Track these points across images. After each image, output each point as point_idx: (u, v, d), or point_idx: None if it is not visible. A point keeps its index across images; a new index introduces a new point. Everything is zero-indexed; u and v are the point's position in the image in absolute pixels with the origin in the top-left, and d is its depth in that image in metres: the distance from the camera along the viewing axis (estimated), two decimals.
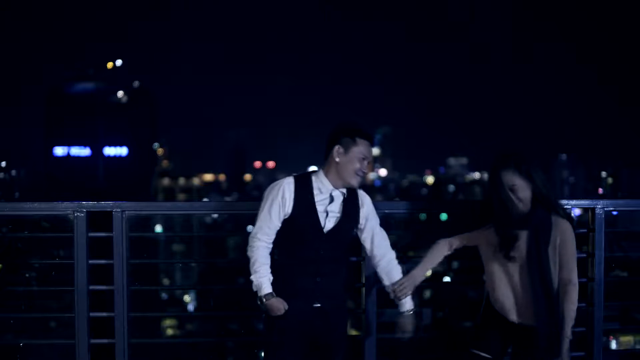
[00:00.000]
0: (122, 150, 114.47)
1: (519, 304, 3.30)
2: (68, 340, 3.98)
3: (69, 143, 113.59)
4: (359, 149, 3.26)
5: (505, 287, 3.33)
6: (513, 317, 3.33)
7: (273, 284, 3.22)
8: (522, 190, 3.20)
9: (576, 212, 4.30)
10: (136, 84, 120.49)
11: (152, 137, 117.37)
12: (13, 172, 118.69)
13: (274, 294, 3.20)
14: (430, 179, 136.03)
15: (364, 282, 4.03)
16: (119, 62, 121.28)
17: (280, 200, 3.22)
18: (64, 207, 3.93)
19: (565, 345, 3.21)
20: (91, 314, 3.92)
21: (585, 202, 4.25)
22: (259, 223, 3.26)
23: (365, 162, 3.28)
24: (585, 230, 4.23)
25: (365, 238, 3.47)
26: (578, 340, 4.24)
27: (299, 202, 3.22)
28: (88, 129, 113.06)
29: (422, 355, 4.24)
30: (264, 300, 3.20)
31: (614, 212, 4.32)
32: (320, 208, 3.24)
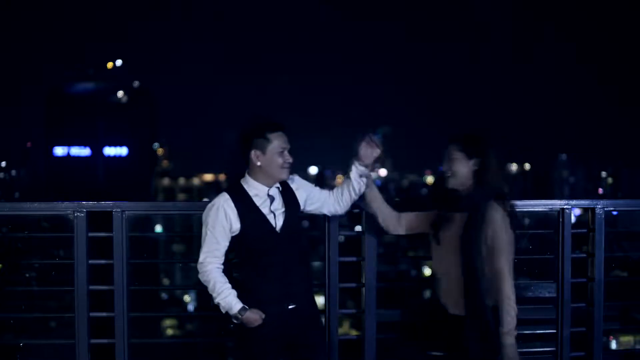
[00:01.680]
0: (122, 150, 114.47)
1: (453, 294, 3.17)
2: (68, 340, 3.98)
3: (69, 143, 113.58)
4: (275, 144, 3.19)
5: (441, 275, 3.24)
6: (450, 308, 3.21)
7: (244, 298, 3.18)
8: (458, 164, 3.15)
9: (576, 212, 4.30)
10: (136, 84, 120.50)
11: (152, 137, 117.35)
12: (13, 172, 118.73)
13: (247, 307, 3.17)
14: (430, 179, 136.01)
15: (363, 282, 4.03)
16: (119, 62, 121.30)
17: (224, 220, 3.17)
18: (64, 207, 3.94)
19: (508, 341, 3.04)
20: (91, 314, 3.92)
21: (585, 202, 4.26)
22: (205, 248, 3.21)
23: (286, 152, 3.22)
24: (585, 230, 4.24)
25: (318, 206, 3.45)
26: (578, 340, 4.24)
27: (243, 215, 3.17)
28: (88, 129, 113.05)
29: (422, 355, 4.23)
30: (240, 316, 3.16)
31: (614, 212, 4.33)
32: (265, 211, 3.20)
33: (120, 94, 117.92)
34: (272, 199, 3.24)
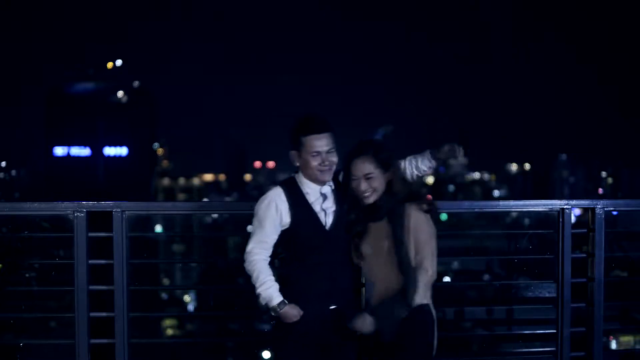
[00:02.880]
0: (122, 150, 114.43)
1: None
2: (68, 340, 3.98)
3: (69, 143, 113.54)
4: (308, 146, 3.16)
5: (374, 286, 3.21)
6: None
7: (286, 293, 3.17)
8: (376, 181, 3.10)
9: (576, 212, 4.30)
10: (136, 84, 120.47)
11: (152, 137, 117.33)
12: (13, 172, 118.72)
13: (286, 302, 3.16)
14: (430, 179, 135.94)
15: (363, 282, 4.03)
16: (119, 62, 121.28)
17: (274, 213, 3.17)
18: (64, 207, 3.94)
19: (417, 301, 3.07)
20: (91, 314, 3.92)
21: (585, 202, 4.26)
22: (255, 237, 3.20)
23: (322, 155, 3.15)
24: (585, 230, 4.24)
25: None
26: (578, 340, 4.24)
27: (295, 210, 3.18)
28: (88, 129, 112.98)
29: None
30: (278, 309, 3.14)
31: (614, 212, 4.33)
32: (316, 208, 3.21)
33: (120, 94, 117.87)
34: (324, 197, 3.23)
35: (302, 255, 3.20)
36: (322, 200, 3.22)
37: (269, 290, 3.16)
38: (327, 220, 3.21)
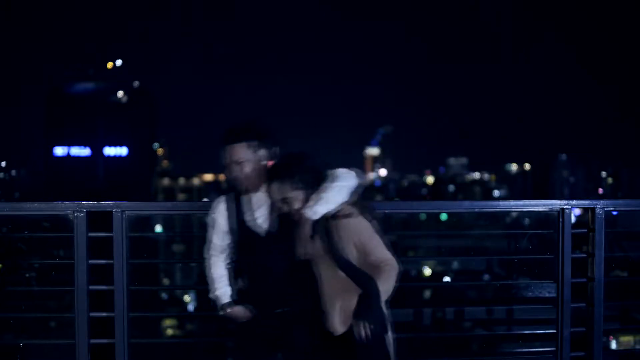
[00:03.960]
0: (122, 150, 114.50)
1: (337, 314, 3.04)
2: (68, 340, 3.99)
3: (69, 143, 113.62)
4: (225, 157, 3.16)
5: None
6: (337, 330, 3.05)
7: (241, 295, 3.24)
8: (297, 201, 2.98)
9: (576, 212, 4.30)
10: (136, 84, 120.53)
11: (152, 137, 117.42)
12: (13, 172, 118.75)
13: (234, 302, 3.23)
14: (430, 179, 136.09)
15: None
16: (119, 62, 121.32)
17: (216, 220, 3.23)
18: (64, 207, 3.94)
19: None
20: (91, 314, 3.92)
21: (585, 202, 4.25)
22: (207, 243, 3.29)
23: (234, 165, 3.12)
24: (585, 230, 4.24)
25: None
26: (578, 340, 4.24)
27: (231, 217, 3.21)
28: (88, 129, 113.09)
29: (422, 355, 4.24)
30: (225, 310, 3.23)
31: (614, 212, 4.33)
32: (250, 216, 3.19)
33: (120, 94, 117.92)
34: (257, 204, 3.21)
35: (243, 260, 3.25)
36: (255, 207, 3.20)
37: (217, 292, 3.25)
38: (262, 226, 3.19)
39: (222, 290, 3.26)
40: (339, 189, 2.96)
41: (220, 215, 3.23)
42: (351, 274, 2.92)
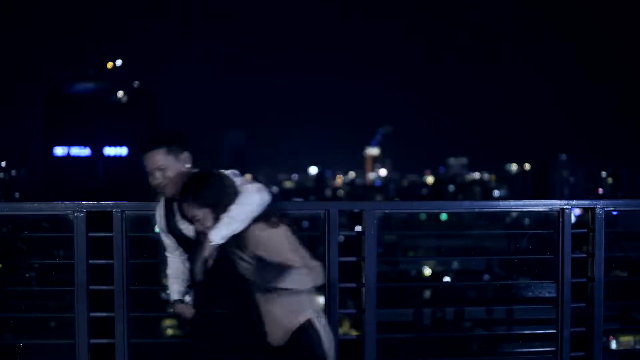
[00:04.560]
0: (122, 150, 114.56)
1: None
2: (68, 340, 3.98)
3: (69, 143, 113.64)
4: (147, 164, 3.20)
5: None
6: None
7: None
8: (208, 220, 2.95)
9: (576, 212, 4.31)
10: (136, 84, 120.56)
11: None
12: (13, 172, 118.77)
13: (181, 300, 3.27)
14: (430, 179, 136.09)
15: (364, 282, 4.03)
16: (119, 62, 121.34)
17: (157, 220, 3.31)
18: (64, 207, 3.94)
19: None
20: (91, 314, 3.92)
21: (585, 202, 4.26)
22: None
23: (157, 171, 3.15)
24: (585, 230, 4.24)
25: None
26: (578, 340, 4.24)
27: (167, 220, 3.26)
28: (88, 129, 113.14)
29: (422, 355, 4.24)
30: (174, 307, 3.29)
31: (614, 212, 4.33)
32: (177, 220, 3.20)
33: (120, 94, 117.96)
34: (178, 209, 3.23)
35: (187, 260, 3.29)
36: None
37: (169, 290, 3.32)
38: (190, 231, 3.18)
39: (172, 287, 3.31)
40: (244, 208, 2.93)
41: (159, 216, 3.29)
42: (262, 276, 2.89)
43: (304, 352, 2.95)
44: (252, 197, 2.98)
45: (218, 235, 2.93)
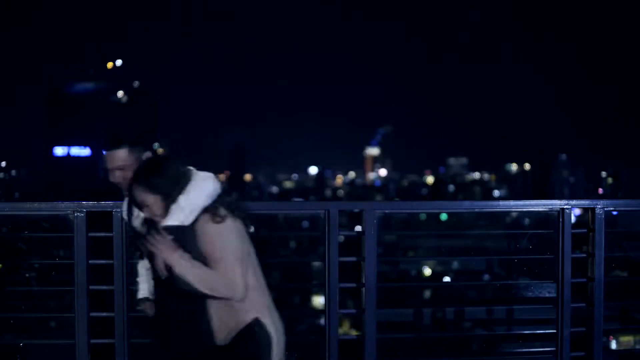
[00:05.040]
0: None
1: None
2: (68, 340, 3.98)
3: (69, 143, 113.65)
4: (107, 163, 3.19)
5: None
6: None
7: None
8: (155, 207, 2.87)
9: (576, 212, 4.31)
10: (136, 84, 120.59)
11: (152, 137, 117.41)
12: (13, 172, 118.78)
13: (147, 299, 3.27)
14: (430, 179, 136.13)
15: (364, 282, 4.03)
16: (119, 62, 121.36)
17: (125, 219, 3.34)
18: (64, 207, 3.94)
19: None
20: (91, 314, 3.92)
21: (585, 202, 4.26)
22: None
23: (117, 171, 3.15)
24: (585, 230, 4.24)
25: None
26: (578, 340, 4.25)
27: (127, 217, 3.28)
28: (88, 129, 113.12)
29: (422, 355, 4.24)
30: (139, 305, 3.32)
31: (614, 212, 4.33)
32: (134, 218, 3.20)
33: (120, 94, 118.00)
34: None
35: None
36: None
37: (138, 287, 3.33)
38: (140, 220, 3.15)
39: (141, 285, 3.32)
40: (192, 199, 2.85)
41: (124, 214, 3.33)
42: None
43: (249, 352, 2.88)
44: (201, 188, 2.89)
45: (168, 224, 2.85)
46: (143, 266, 3.31)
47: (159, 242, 2.82)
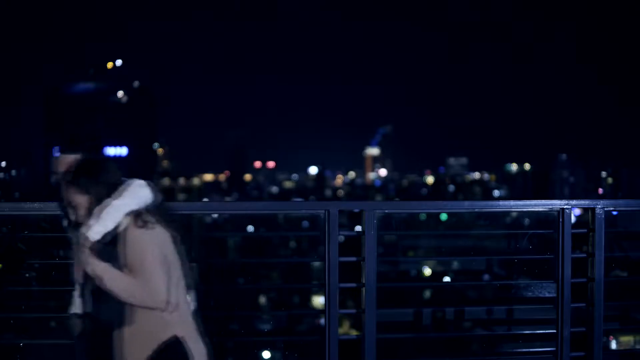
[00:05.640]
0: (122, 150, 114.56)
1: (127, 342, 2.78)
2: (68, 340, 3.97)
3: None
4: (55, 166, 3.04)
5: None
6: None
7: None
8: (83, 207, 2.81)
9: (576, 212, 4.31)
10: (136, 84, 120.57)
11: (152, 137, 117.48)
12: (13, 172, 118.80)
13: (76, 314, 3.11)
14: (430, 179, 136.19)
15: (363, 282, 4.03)
16: (119, 62, 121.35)
17: None
18: None
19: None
20: None
21: (585, 202, 4.25)
22: None
23: (59, 175, 2.97)
24: (585, 230, 4.24)
25: None
26: (578, 340, 4.25)
27: (64, 217, 3.16)
28: (88, 129, 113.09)
29: (422, 355, 4.24)
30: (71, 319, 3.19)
31: (614, 212, 4.33)
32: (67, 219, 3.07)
33: (120, 94, 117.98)
34: None
35: None
36: None
37: (71, 302, 3.19)
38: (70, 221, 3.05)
39: (73, 300, 3.14)
40: (119, 204, 2.78)
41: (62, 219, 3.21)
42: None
43: None
44: (134, 193, 2.83)
45: (92, 229, 2.77)
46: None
47: (82, 246, 2.75)
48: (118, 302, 2.74)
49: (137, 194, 2.82)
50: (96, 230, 2.76)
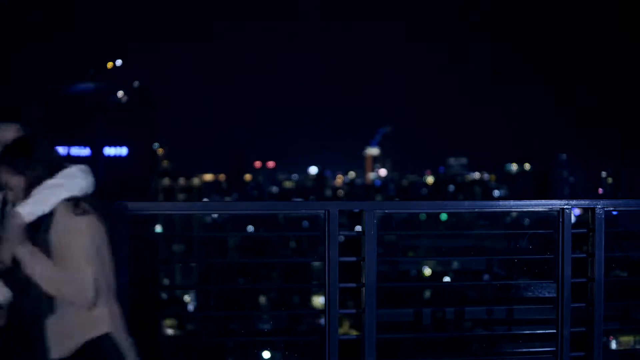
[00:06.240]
0: (122, 150, 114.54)
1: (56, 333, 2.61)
2: None
3: (69, 143, 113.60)
4: None
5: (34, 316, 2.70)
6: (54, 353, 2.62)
7: None
8: (15, 186, 2.66)
9: (576, 212, 4.31)
10: (136, 84, 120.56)
11: (152, 137, 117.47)
12: None
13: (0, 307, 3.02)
14: (430, 179, 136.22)
15: (363, 282, 4.03)
16: (119, 62, 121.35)
17: None
18: None
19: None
20: None
21: (585, 202, 4.26)
22: None
23: None
24: (585, 230, 4.24)
25: None
26: (578, 340, 4.25)
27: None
28: (88, 129, 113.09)
29: (422, 355, 4.24)
30: None
31: (614, 212, 4.33)
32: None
33: (120, 94, 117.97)
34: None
35: None
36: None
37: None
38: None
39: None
40: (56, 187, 2.63)
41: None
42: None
43: None
44: (72, 177, 2.68)
45: (24, 209, 2.60)
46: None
47: (9, 230, 2.58)
48: (37, 292, 2.57)
49: (78, 179, 2.67)
50: (29, 210, 2.60)
